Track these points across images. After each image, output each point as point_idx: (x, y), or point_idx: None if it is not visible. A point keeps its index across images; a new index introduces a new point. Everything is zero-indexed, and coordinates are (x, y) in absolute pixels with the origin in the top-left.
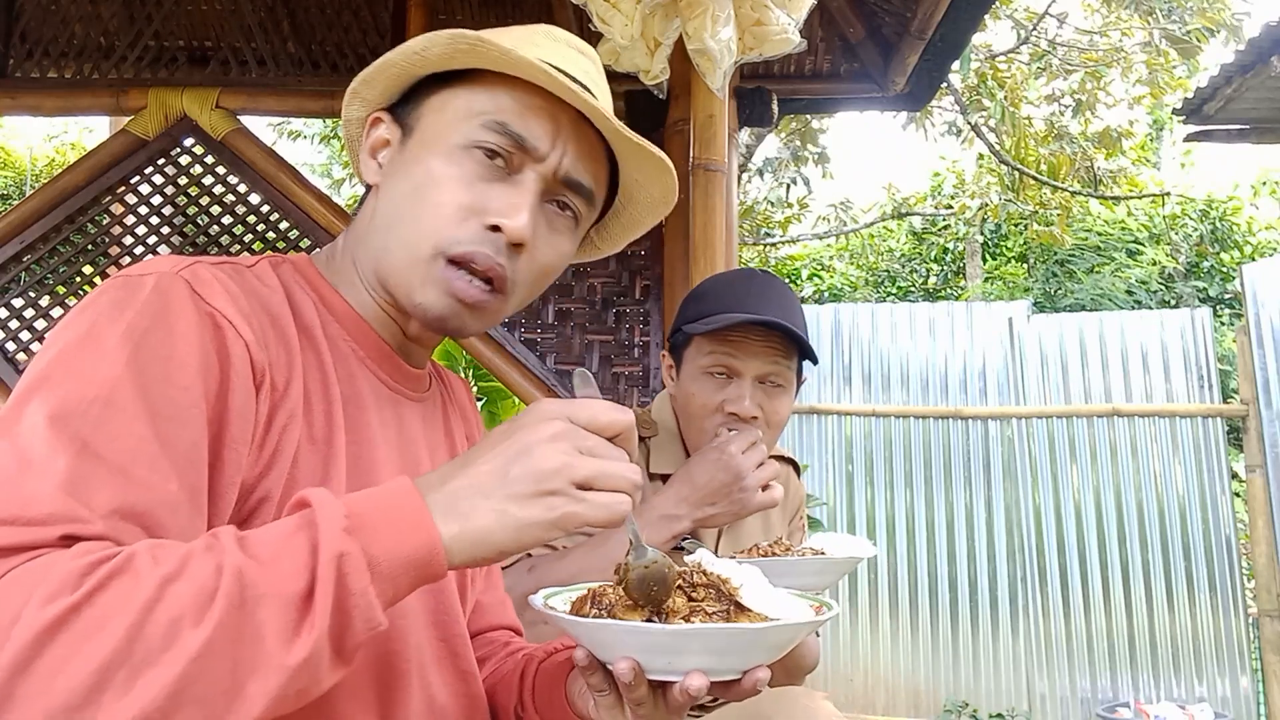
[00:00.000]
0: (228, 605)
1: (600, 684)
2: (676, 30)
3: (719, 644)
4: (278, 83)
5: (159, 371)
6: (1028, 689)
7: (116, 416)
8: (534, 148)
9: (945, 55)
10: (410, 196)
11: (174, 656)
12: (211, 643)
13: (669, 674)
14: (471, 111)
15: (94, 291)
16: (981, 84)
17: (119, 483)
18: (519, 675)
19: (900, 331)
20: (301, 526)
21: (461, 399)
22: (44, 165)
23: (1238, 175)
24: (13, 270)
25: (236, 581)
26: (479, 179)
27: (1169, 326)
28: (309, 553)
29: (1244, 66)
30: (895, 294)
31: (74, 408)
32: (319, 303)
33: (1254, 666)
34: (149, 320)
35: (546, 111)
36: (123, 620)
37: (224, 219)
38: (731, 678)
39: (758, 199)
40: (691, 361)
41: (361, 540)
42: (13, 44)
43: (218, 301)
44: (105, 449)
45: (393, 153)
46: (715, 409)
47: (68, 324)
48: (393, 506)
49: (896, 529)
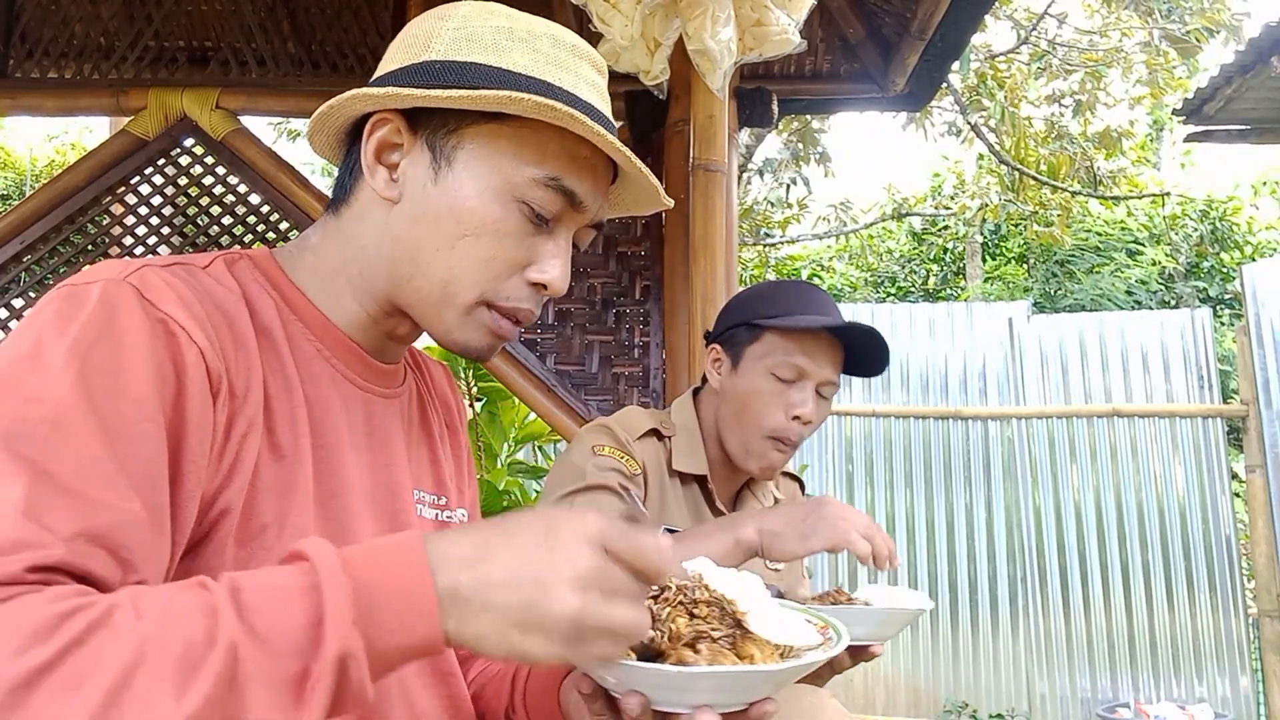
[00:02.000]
0: (216, 682)
1: (601, 710)
2: (676, 30)
3: (730, 684)
4: (278, 83)
5: (109, 386)
6: (1028, 689)
7: (68, 437)
8: (581, 204)
9: (945, 55)
10: (456, 239)
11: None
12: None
13: (676, 708)
14: (524, 159)
15: (39, 304)
16: (981, 84)
17: (77, 505)
18: (510, 677)
19: (900, 332)
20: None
21: (441, 387)
22: (44, 165)
23: (1238, 175)
24: (13, 270)
25: (229, 656)
26: (526, 234)
27: (1169, 327)
28: (312, 640)
29: (1244, 67)
30: (895, 294)
31: (22, 430)
32: (280, 301)
33: (1254, 666)
34: (95, 332)
35: (589, 165)
36: (101, 682)
37: (224, 219)
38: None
39: (758, 199)
40: (758, 358)
41: (366, 632)
42: (13, 44)
43: (168, 307)
44: (59, 471)
45: (420, 176)
46: (779, 410)
47: (12, 341)
48: (404, 593)
49: (896, 529)
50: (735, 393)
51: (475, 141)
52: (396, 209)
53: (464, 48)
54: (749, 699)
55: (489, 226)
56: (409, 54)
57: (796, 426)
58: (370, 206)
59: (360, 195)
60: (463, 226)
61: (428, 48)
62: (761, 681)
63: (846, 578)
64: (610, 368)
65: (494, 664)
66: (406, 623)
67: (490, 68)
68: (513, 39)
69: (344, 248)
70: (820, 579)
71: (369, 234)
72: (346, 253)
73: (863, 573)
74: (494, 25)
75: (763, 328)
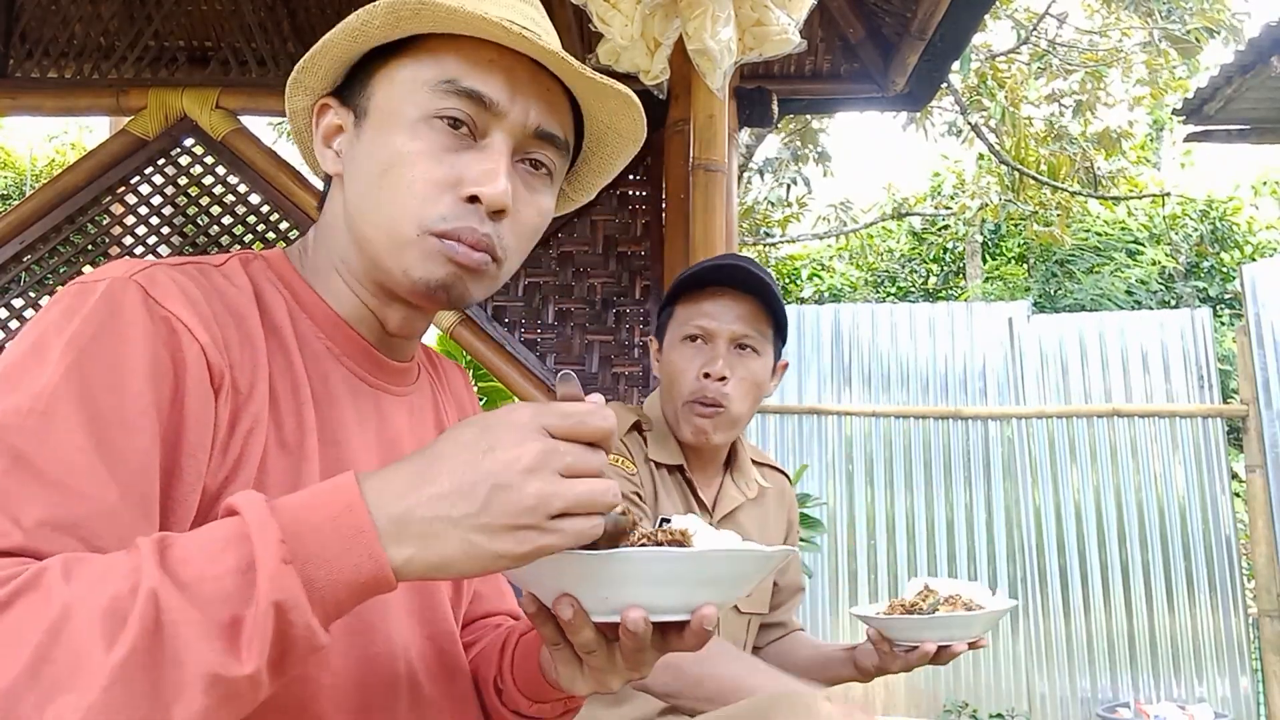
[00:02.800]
0: (141, 631)
1: (553, 636)
2: (676, 30)
3: (657, 571)
4: (278, 83)
5: (104, 380)
6: (1028, 689)
7: (54, 427)
8: (494, 102)
9: (945, 55)
10: (379, 180)
11: (86, 683)
12: (125, 668)
13: (609, 613)
14: (422, 80)
15: (50, 300)
16: (981, 84)
17: (52, 495)
18: (499, 648)
19: (900, 332)
20: (232, 549)
21: (457, 386)
22: (44, 165)
23: (1238, 175)
24: (13, 270)
25: (151, 604)
26: (446, 150)
27: (1169, 327)
28: (241, 587)
29: (1244, 67)
30: (895, 294)
31: (11, 421)
32: (291, 300)
33: (1254, 666)
34: (95, 327)
35: (500, 65)
36: (29, 641)
37: (224, 219)
38: (680, 617)
39: (758, 199)
40: (671, 334)
41: (303, 571)
42: (13, 44)
43: (172, 305)
44: (40, 461)
45: (349, 139)
46: (691, 373)
47: (21, 336)
48: (335, 528)
49: (896, 529)
50: (664, 373)
51: (380, 86)
52: (345, 180)
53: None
54: (686, 598)
55: (401, 153)
56: None
57: (712, 385)
58: (334, 191)
59: (331, 189)
60: (381, 163)
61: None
62: (692, 570)
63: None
64: (610, 368)
65: (489, 640)
66: (345, 557)
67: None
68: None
69: (329, 241)
70: (821, 578)
71: (335, 215)
72: (329, 241)
73: (884, 602)
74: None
75: (673, 304)
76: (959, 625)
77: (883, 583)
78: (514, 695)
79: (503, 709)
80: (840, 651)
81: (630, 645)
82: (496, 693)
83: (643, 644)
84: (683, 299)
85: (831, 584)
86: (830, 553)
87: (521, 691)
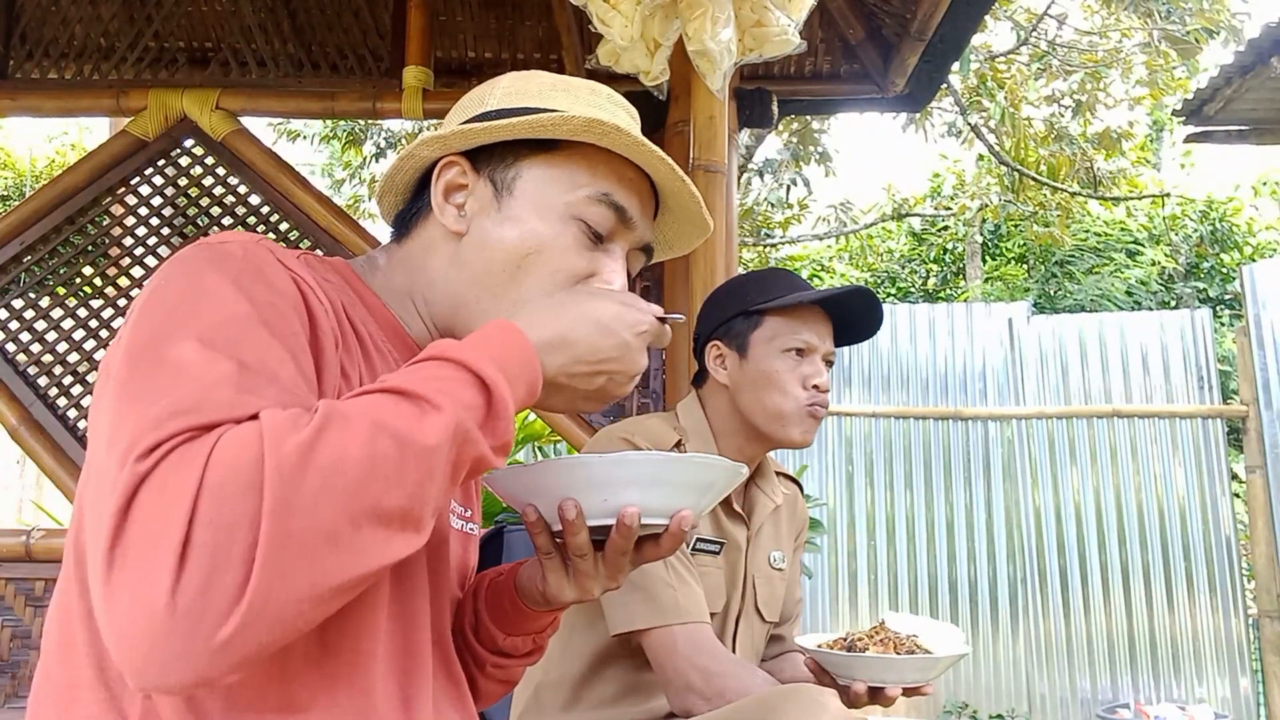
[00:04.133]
0: (432, 410)
1: (547, 545)
2: (676, 31)
3: (648, 473)
4: (278, 83)
5: (276, 314)
6: (1028, 689)
7: (256, 337)
8: (630, 220)
9: (945, 56)
10: (517, 257)
11: (415, 451)
12: (441, 434)
13: (607, 515)
14: (578, 183)
15: (175, 259)
16: (981, 85)
17: (277, 387)
18: (472, 594)
19: (900, 332)
20: (448, 365)
21: None
22: (44, 166)
23: (1238, 176)
24: (13, 271)
25: (436, 392)
26: (585, 249)
27: (1169, 327)
28: (471, 373)
29: (1244, 67)
30: (895, 295)
31: (217, 333)
32: (360, 304)
33: (1254, 667)
34: (251, 275)
35: (636, 186)
36: (360, 428)
37: (224, 220)
38: (662, 520)
39: (758, 199)
40: (766, 341)
41: (490, 357)
42: (13, 45)
43: (297, 269)
44: (256, 362)
45: (481, 206)
46: (798, 382)
47: (162, 288)
48: (517, 350)
49: (896, 529)
50: (751, 378)
51: (531, 170)
52: (464, 241)
53: (515, 99)
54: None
55: (550, 242)
56: (465, 112)
57: (819, 395)
58: (438, 241)
59: (425, 231)
60: (526, 245)
61: (483, 104)
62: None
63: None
64: None
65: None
66: (513, 353)
67: (540, 109)
68: (555, 90)
69: (411, 274)
70: (821, 579)
71: (437, 265)
72: (414, 279)
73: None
74: (539, 82)
75: (762, 313)
76: (888, 668)
77: (882, 583)
78: (489, 630)
79: (478, 647)
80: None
81: (621, 544)
82: (472, 632)
83: (630, 544)
84: (778, 313)
85: (831, 584)
86: (830, 553)
87: (495, 625)
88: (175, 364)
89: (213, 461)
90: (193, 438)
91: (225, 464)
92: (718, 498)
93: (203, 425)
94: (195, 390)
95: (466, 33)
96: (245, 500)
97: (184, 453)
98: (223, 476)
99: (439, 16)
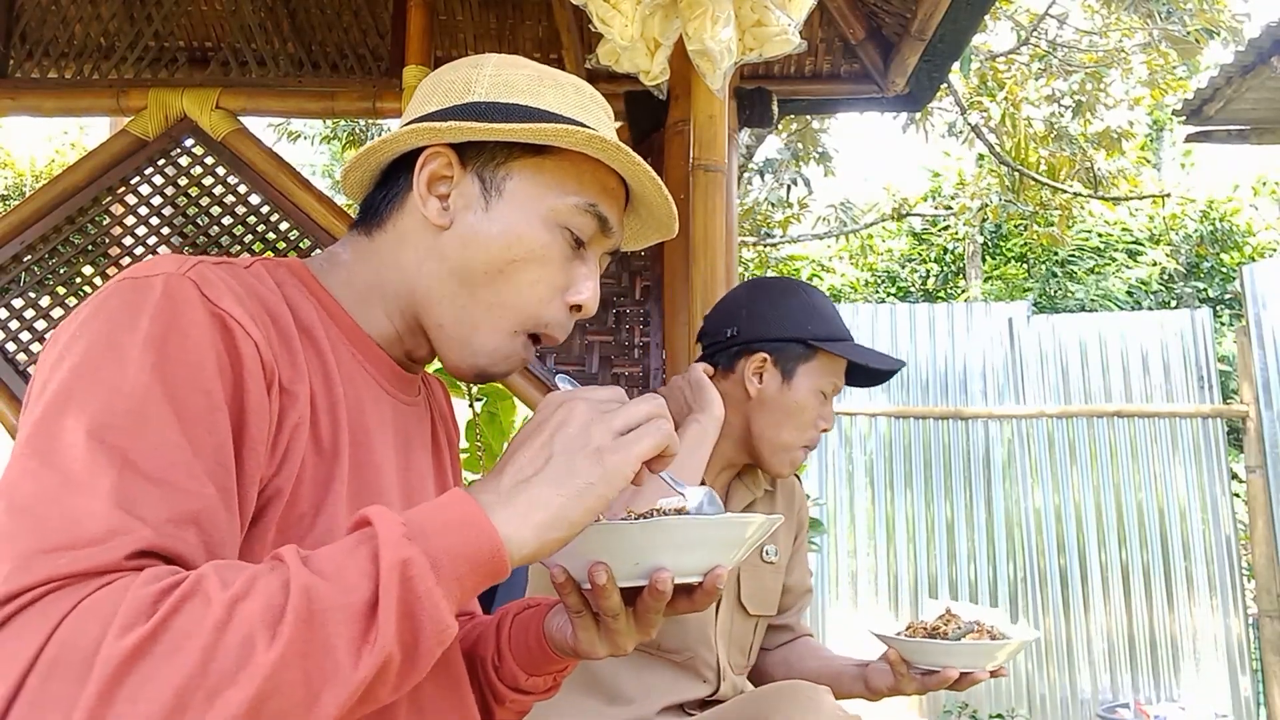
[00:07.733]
0: (296, 620)
1: (577, 605)
2: (676, 31)
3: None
4: (278, 83)
5: (182, 377)
6: (1028, 689)
7: (151, 426)
8: (610, 229)
9: (945, 56)
10: (501, 262)
11: (248, 675)
12: (284, 659)
13: (639, 577)
14: (564, 191)
15: (99, 296)
16: (982, 85)
17: (165, 492)
18: (495, 627)
19: (900, 332)
20: (362, 541)
21: (440, 401)
22: (44, 165)
23: (1238, 176)
24: (13, 271)
25: (304, 597)
26: (566, 259)
27: (1169, 327)
28: (371, 561)
29: (1244, 67)
30: (895, 294)
31: (109, 421)
32: (317, 305)
33: (1254, 667)
34: (164, 325)
35: (616, 195)
36: (197, 644)
37: (224, 219)
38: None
39: (758, 199)
40: (811, 376)
41: (422, 544)
42: (13, 44)
43: (225, 303)
44: (144, 461)
45: (467, 202)
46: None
47: (79, 333)
48: (448, 512)
49: (896, 529)
50: (782, 405)
51: (522, 173)
52: (446, 234)
53: (504, 91)
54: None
55: (538, 252)
56: (449, 97)
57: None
58: (414, 232)
59: (400, 221)
60: (513, 251)
61: (469, 91)
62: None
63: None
64: (610, 368)
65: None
66: (459, 532)
67: (531, 108)
68: (543, 85)
69: (380, 267)
70: (821, 579)
71: (410, 256)
72: (383, 272)
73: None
74: (525, 74)
75: (817, 349)
76: (985, 653)
77: (882, 583)
78: (511, 669)
79: (499, 684)
80: (851, 667)
81: (653, 605)
82: (494, 668)
83: (662, 605)
84: (826, 354)
85: (831, 584)
86: (830, 553)
87: (519, 664)
88: (63, 469)
89: (55, 637)
90: (56, 589)
91: (64, 642)
92: (751, 550)
93: (69, 575)
94: (71, 520)
95: (466, 32)
96: (70, 686)
97: (36, 612)
98: (56, 656)
99: (439, 16)
